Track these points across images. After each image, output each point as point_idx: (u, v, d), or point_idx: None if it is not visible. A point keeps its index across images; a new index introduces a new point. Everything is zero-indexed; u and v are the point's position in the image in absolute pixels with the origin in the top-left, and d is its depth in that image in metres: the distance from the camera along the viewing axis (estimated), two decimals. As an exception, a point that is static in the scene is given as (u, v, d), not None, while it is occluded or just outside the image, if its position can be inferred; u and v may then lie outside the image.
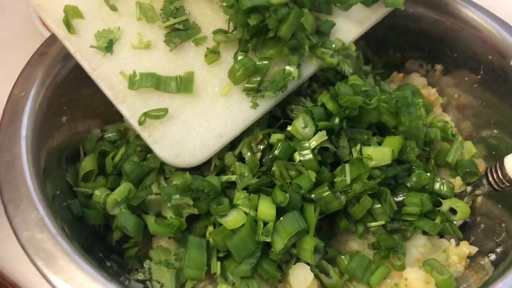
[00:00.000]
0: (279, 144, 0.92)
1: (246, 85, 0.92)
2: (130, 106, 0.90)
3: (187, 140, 0.90)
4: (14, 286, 1.02)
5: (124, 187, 0.94)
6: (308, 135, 0.92)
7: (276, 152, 0.92)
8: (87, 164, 0.99)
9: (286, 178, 0.91)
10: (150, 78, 0.90)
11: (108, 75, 0.91)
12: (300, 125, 0.92)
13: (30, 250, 0.75)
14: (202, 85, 0.92)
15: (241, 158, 0.95)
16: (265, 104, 0.94)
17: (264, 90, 0.93)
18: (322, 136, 0.91)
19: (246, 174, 0.92)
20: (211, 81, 0.93)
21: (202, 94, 0.92)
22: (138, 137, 1.07)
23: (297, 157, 0.92)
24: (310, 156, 0.90)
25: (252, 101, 0.93)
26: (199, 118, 0.91)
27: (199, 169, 0.97)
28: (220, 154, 0.95)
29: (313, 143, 0.91)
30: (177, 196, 0.88)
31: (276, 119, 1.00)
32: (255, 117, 0.93)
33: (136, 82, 0.90)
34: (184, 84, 0.91)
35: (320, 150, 0.92)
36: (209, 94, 0.92)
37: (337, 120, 0.93)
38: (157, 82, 0.90)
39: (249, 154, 0.94)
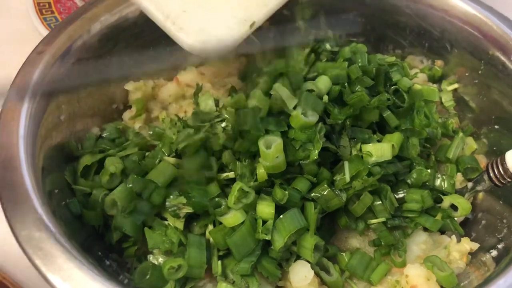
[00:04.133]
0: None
1: None
2: None
3: (212, 26, 0.90)
4: (14, 285, 1.02)
5: (122, 188, 0.93)
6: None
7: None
8: (86, 159, 0.99)
9: (284, 182, 0.91)
10: None
11: None
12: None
13: (29, 249, 0.75)
14: None
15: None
16: None
17: None
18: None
19: (247, 175, 0.92)
20: None
21: None
22: (137, 134, 1.07)
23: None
24: (309, 159, 0.90)
25: None
26: (222, 4, 0.92)
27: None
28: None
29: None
30: (170, 197, 0.89)
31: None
32: (277, 2, 0.96)
33: None
34: None
35: (320, 151, 0.91)
36: None
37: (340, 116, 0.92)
38: None
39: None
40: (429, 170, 0.99)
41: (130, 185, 0.92)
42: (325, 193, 0.89)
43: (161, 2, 0.89)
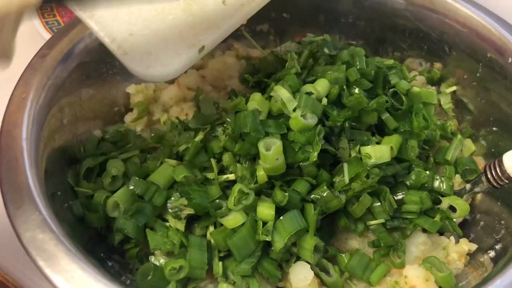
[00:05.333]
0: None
1: None
2: (99, 19, 0.85)
3: (159, 51, 0.86)
4: (16, 286, 1.02)
5: (124, 190, 0.93)
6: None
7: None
8: (88, 161, 0.99)
9: (284, 184, 0.92)
10: None
11: None
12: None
13: (32, 251, 0.75)
14: None
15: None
16: (244, 8, 0.89)
17: None
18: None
19: (247, 177, 0.92)
20: None
21: (173, 3, 0.88)
22: (138, 137, 1.08)
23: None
24: (308, 161, 0.90)
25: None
26: (170, 28, 0.87)
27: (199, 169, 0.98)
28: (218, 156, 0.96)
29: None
30: (172, 199, 0.90)
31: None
32: (229, 24, 0.89)
33: None
34: None
35: (320, 153, 0.92)
36: (180, 3, 0.88)
37: (340, 118, 0.93)
38: None
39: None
40: (427, 172, 0.99)
41: (132, 187, 0.93)
42: (324, 194, 0.90)
43: (108, 24, 0.85)
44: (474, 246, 0.98)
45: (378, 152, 0.93)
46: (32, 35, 1.40)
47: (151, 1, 0.87)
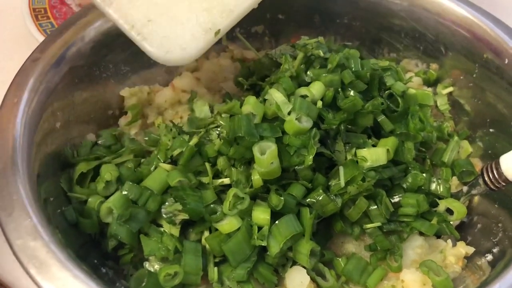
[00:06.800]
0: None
1: None
2: (118, 7, 0.91)
3: (177, 35, 0.91)
4: (11, 291, 1.02)
5: (118, 196, 0.93)
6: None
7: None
8: (81, 166, 0.99)
9: (279, 188, 0.91)
10: None
11: None
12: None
13: (23, 258, 0.75)
14: None
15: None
16: None
17: None
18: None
19: (242, 182, 0.91)
20: None
21: None
22: (132, 141, 1.07)
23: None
24: (304, 165, 0.90)
25: None
26: (187, 13, 0.92)
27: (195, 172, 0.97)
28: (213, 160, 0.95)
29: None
30: (166, 204, 0.90)
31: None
32: (243, 7, 0.94)
33: None
34: None
35: (315, 157, 0.91)
36: None
37: (335, 121, 0.92)
38: None
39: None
40: (424, 174, 0.99)
41: (126, 193, 0.92)
42: (320, 198, 0.89)
43: (127, 11, 0.90)
44: (471, 249, 0.97)
45: (374, 154, 0.93)
46: (26, 38, 1.39)
47: None
